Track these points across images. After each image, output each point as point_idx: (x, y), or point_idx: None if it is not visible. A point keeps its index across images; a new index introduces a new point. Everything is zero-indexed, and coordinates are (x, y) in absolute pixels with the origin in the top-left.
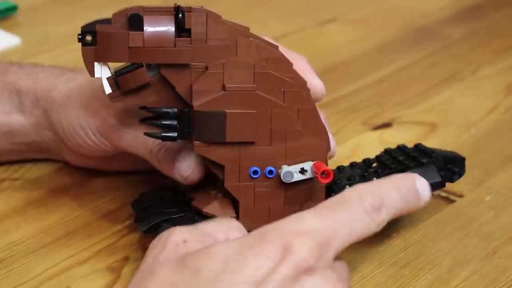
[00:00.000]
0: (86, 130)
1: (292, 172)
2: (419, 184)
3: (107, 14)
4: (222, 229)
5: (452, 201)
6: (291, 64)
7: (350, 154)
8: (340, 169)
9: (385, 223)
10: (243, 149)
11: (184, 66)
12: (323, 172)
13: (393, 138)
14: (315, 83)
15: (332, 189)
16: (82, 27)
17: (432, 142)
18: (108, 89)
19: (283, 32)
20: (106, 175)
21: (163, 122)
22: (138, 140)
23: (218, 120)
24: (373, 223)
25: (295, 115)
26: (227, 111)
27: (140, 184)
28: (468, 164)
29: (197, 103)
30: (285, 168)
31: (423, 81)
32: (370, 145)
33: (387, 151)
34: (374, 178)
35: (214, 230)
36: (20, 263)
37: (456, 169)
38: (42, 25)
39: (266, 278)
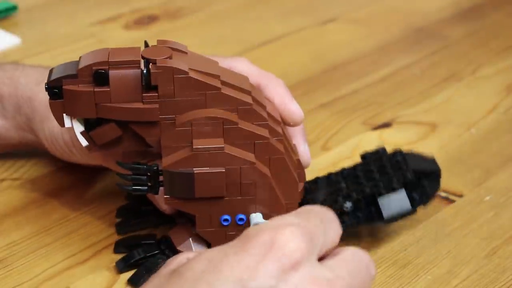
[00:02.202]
0: (69, 145)
1: (262, 222)
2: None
3: (107, 14)
4: None
5: (452, 201)
6: (264, 107)
7: (350, 154)
8: (316, 182)
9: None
10: (213, 201)
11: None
12: None
13: (393, 138)
14: (293, 109)
15: None
16: (49, 82)
17: (432, 142)
18: (84, 142)
19: (283, 32)
20: (106, 174)
21: (134, 177)
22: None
23: (186, 178)
24: (339, 231)
25: (265, 167)
26: (195, 171)
27: None
28: (468, 164)
29: (166, 162)
30: (255, 218)
31: (423, 81)
32: (370, 145)
33: (364, 160)
34: (345, 203)
35: None
36: (20, 263)
37: (429, 190)
38: (42, 25)
39: (250, 275)
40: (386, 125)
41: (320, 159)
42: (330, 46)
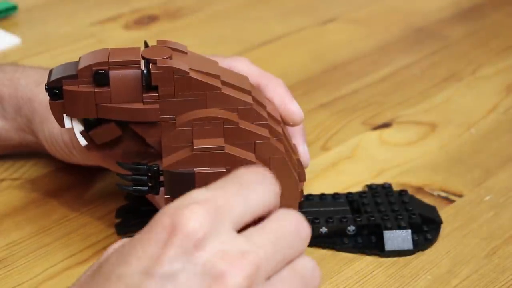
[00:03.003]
0: (69, 146)
1: None
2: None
3: (107, 14)
4: None
5: (452, 201)
6: (264, 107)
7: (350, 154)
8: (322, 198)
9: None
10: None
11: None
12: None
13: (393, 138)
14: (293, 109)
15: None
16: (49, 83)
17: (432, 142)
18: (83, 142)
19: (283, 32)
20: (106, 174)
21: (134, 177)
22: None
23: (187, 178)
24: (271, 191)
25: (265, 166)
26: (196, 171)
27: None
28: (468, 164)
29: (166, 163)
30: None
31: (423, 81)
32: (370, 145)
33: (370, 190)
34: (350, 226)
35: None
36: (20, 263)
37: (430, 237)
38: (42, 25)
39: (154, 263)
40: (386, 125)
41: (320, 159)
42: (330, 46)
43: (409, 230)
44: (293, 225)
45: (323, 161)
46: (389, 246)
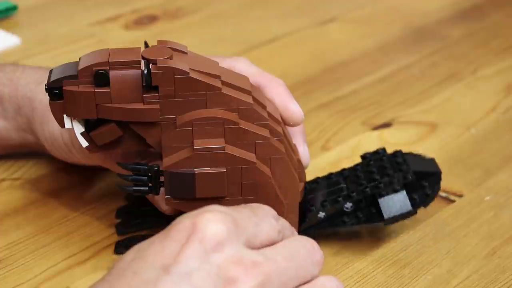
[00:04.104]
0: (69, 146)
1: None
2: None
3: (107, 14)
4: None
5: (452, 201)
6: (265, 107)
7: (350, 154)
8: (317, 182)
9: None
10: (213, 201)
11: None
12: None
13: (393, 138)
14: (293, 110)
15: (305, 217)
16: (49, 83)
17: (432, 142)
18: (84, 143)
19: (283, 32)
20: (106, 174)
21: (134, 177)
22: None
23: (187, 179)
24: (276, 226)
25: (266, 167)
26: (196, 171)
27: None
28: (468, 164)
29: (166, 163)
30: None
31: (423, 81)
32: (370, 145)
33: (364, 160)
34: (346, 204)
35: None
36: (20, 263)
37: (429, 192)
38: (42, 25)
39: (174, 260)
40: (386, 125)
41: (320, 159)
42: (330, 46)
43: (404, 191)
44: (306, 248)
45: (323, 161)
46: (387, 213)
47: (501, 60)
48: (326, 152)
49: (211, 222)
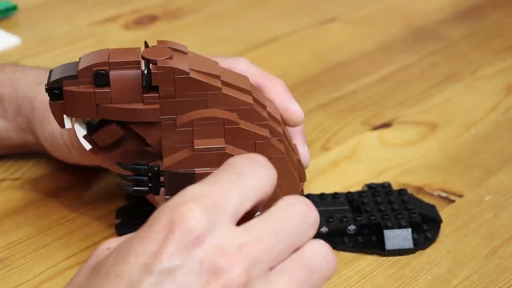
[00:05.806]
0: (69, 146)
1: None
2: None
3: (107, 14)
4: None
5: (452, 201)
6: (265, 107)
7: (350, 154)
8: (322, 198)
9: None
10: None
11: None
12: None
13: (393, 138)
14: (293, 110)
15: None
16: (49, 83)
17: (432, 142)
18: (87, 146)
19: (283, 32)
20: (106, 174)
21: (134, 178)
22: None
23: (187, 179)
24: (266, 175)
25: None
26: (196, 171)
27: None
28: (468, 164)
29: (167, 163)
30: None
31: (423, 81)
32: (370, 145)
33: (370, 189)
34: (350, 225)
35: None
36: (20, 263)
37: (430, 236)
38: (42, 25)
39: (153, 260)
40: (386, 125)
41: (320, 159)
42: (330, 46)
43: (410, 229)
44: (298, 212)
45: (323, 161)
46: (389, 245)
47: (501, 60)
48: (326, 152)
49: (187, 217)
